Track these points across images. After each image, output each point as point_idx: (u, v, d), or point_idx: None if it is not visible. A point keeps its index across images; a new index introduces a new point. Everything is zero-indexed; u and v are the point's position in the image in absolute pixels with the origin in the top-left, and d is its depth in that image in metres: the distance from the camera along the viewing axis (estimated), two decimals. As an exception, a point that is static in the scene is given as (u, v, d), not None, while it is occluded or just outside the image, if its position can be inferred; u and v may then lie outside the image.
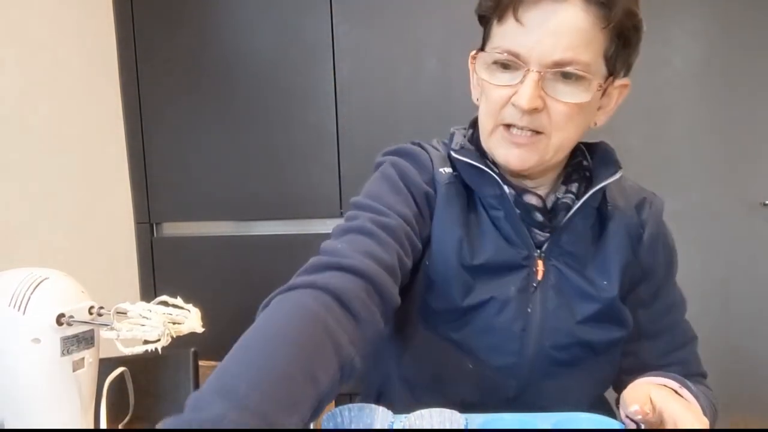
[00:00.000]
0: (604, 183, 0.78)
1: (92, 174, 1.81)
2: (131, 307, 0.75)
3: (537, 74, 0.68)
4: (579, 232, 0.79)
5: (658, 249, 0.85)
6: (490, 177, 0.77)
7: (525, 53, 0.68)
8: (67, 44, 1.71)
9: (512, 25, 0.69)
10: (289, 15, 1.91)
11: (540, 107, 0.70)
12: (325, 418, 0.74)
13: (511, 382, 0.80)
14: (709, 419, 0.71)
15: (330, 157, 1.94)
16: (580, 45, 0.68)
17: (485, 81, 0.73)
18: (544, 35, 0.67)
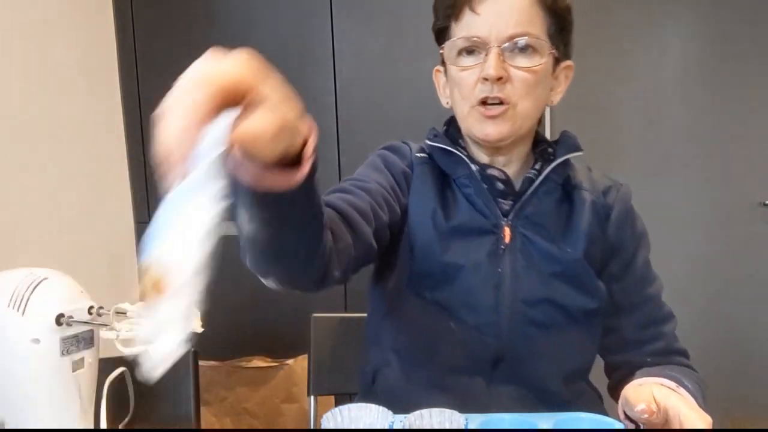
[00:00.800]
0: (563, 158, 0.90)
1: (92, 174, 1.81)
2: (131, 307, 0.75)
3: (497, 48, 0.82)
4: (544, 204, 0.89)
5: (626, 227, 0.93)
6: (460, 158, 0.90)
7: (484, 34, 0.83)
8: (67, 44, 1.71)
9: (469, 16, 0.84)
10: (289, 15, 1.91)
11: (505, 76, 0.82)
12: (325, 418, 0.74)
13: (490, 340, 0.85)
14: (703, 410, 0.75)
15: (330, 157, 1.94)
16: (527, 21, 0.83)
17: (455, 68, 0.86)
18: (497, 17, 0.82)
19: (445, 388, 0.86)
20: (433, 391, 0.86)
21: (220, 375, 1.91)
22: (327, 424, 0.73)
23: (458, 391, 0.85)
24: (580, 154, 0.92)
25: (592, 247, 0.88)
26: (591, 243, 0.88)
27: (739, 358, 2.23)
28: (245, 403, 1.91)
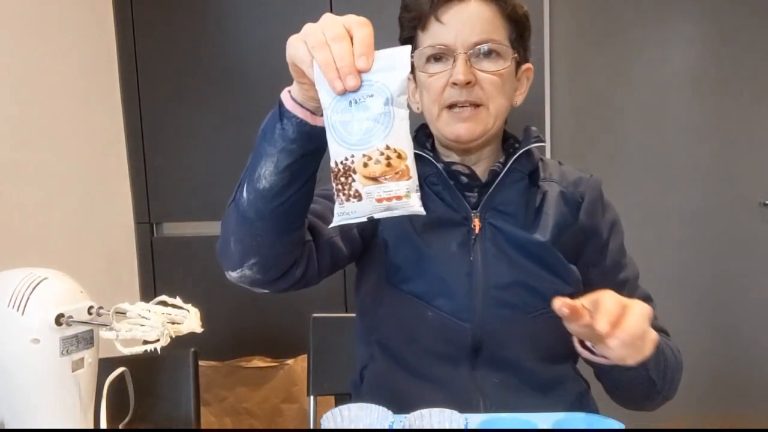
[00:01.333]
0: (524, 148, 0.94)
1: (92, 174, 1.81)
2: (130, 308, 0.75)
3: (464, 55, 0.87)
4: (511, 194, 0.94)
5: (597, 213, 0.96)
6: (426, 159, 0.94)
7: (451, 42, 0.88)
8: (67, 44, 1.71)
9: (435, 26, 0.89)
10: (289, 15, 1.91)
11: (473, 81, 0.87)
12: (324, 418, 0.74)
13: (468, 326, 0.88)
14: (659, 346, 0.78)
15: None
16: (490, 28, 0.89)
17: (424, 74, 0.91)
18: (462, 25, 0.88)
19: (429, 378, 0.89)
20: (419, 381, 0.90)
21: (220, 375, 1.91)
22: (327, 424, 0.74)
23: (443, 379, 0.88)
24: (542, 144, 0.97)
25: (563, 234, 0.92)
26: (561, 230, 0.92)
27: (739, 358, 2.23)
28: (245, 403, 1.91)
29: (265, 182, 0.75)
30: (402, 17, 0.97)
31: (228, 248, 0.80)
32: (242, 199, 0.77)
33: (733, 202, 2.21)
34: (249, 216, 0.77)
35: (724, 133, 2.19)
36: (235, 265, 0.80)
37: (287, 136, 0.72)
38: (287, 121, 0.72)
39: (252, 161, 0.77)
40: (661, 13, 2.18)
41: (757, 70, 2.16)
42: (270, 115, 0.75)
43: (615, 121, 2.22)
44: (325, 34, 0.65)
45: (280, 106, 0.73)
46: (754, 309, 2.23)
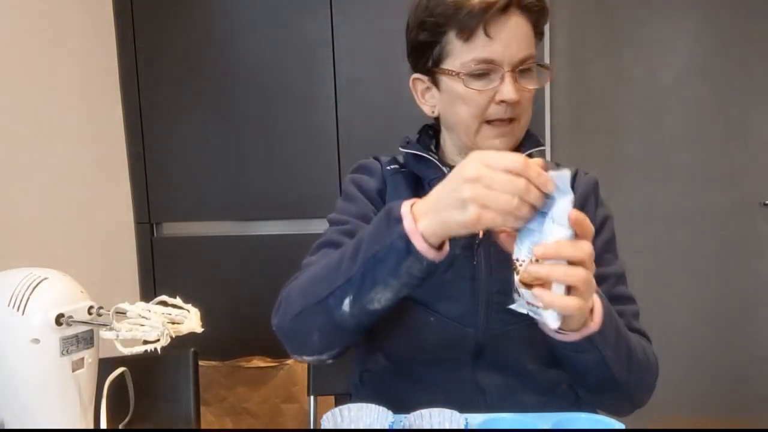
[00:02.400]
0: (525, 153, 0.92)
1: (92, 174, 1.81)
2: (130, 308, 0.75)
3: (512, 73, 0.87)
4: None
5: (589, 206, 0.97)
6: (432, 162, 0.95)
7: (498, 58, 0.87)
8: (67, 44, 1.71)
9: (482, 39, 0.87)
10: (289, 15, 1.91)
11: (519, 98, 0.88)
12: (325, 418, 0.74)
13: (470, 331, 0.88)
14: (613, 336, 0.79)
15: (330, 157, 1.94)
16: (530, 44, 0.89)
17: (467, 90, 0.89)
18: (509, 41, 0.86)
19: (431, 381, 0.89)
20: (420, 385, 0.89)
21: (220, 375, 1.91)
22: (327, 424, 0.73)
23: (444, 383, 0.88)
24: (542, 148, 0.98)
25: None
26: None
27: (739, 358, 2.23)
28: (245, 403, 1.91)
29: (378, 305, 0.76)
30: (427, 21, 0.91)
31: (308, 339, 0.83)
32: (342, 312, 0.78)
33: (733, 202, 2.21)
34: (348, 326, 0.79)
35: (724, 133, 2.19)
36: (313, 353, 0.84)
37: (414, 273, 0.73)
38: (416, 261, 0.72)
39: (362, 282, 0.75)
40: (661, 13, 2.18)
41: (757, 70, 2.16)
42: (387, 246, 0.73)
43: (615, 121, 2.22)
44: (514, 192, 0.66)
45: (407, 243, 0.71)
46: (754, 309, 2.23)
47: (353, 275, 0.76)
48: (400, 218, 0.72)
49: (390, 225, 0.74)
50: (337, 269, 0.79)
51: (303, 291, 0.84)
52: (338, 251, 0.82)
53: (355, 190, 0.99)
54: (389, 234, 0.73)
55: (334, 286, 0.78)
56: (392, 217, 0.74)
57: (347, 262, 0.77)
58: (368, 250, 0.75)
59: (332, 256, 0.83)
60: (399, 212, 0.73)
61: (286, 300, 0.87)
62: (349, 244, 0.80)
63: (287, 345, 0.87)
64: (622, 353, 0.82)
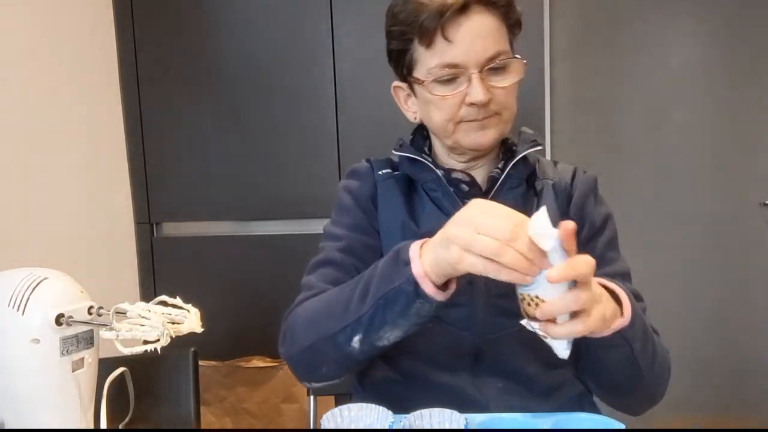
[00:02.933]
0: (521, 154, 0.93)
1: (92, 174, 1.81)
2: (130, 308, 0.75)
3: (479, 74, 0.84)
4: (509, 200, 0.89)
5: (588, 208, 0.95)
6: (425, 165, 0.94)
7: (462, 61, 0.84)
8: (67, 45, 1.71)
9: (443, 44, 0.84)
10: (289, 15, 1.91)
11: (490, 98, 0.85)
12: (325, 418, 0.74)
13: (468, 335, 0.87)
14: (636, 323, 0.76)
15: (330, 157, 1.94)
16: (498, 40, 0.85)
17: (435, 96, 0.88)
18: (472, 42, 0.84)
19: (431, 386, 0.88)
20: (420, 389, 0.89)
21: (220, 375, 1.91)
22: (327, 424, 0.73)
23: (445, 387, 0.87)
24: (539, 148, 0.95)
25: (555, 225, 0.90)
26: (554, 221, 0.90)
27: (740, 358, 2.23)
28: (245, 403, 1.91)
29: (387, 342, 0.78)
30: (394, 30, 0.92)
31: (318, 370, 0.85)
32: (351, 347, 0.79)
33: (733, 202, 2.20)
34: (359, 359, 0.81)
35: (725, 133, 2.19)
36: (323, 380, 0.86)
37: (423, 314, 0.74)
38: (425, 303, 0.73)
39: (371, 322, 0.77)
40: (662, 12, 2.17)
41: (757, 69, 2.16)
42: (396, 289, 0.73)
43: (615, 121, 2.21)
44: (497, 237, 0.65)
45: (416, 286, 0.72)
46: (755, 309, 2.22)
47: (362, 315, 0.77)
48: (409, 261, 0.73)
49: (398, 267, 0.74)
50: (346, 307, 0.79)
51: (312, 323, 0.84)
52: (347, 287, 0.82)
53: (348, 199, 0.98)
54: (398, 276, 0.74)
55: (344, 324, 0.79)
56: (401, 260, 0.74)
57: (356, 302, 0.78)
58: (377, 291, 0.76)
59: (341, 292, 0.83)
60: (407, 255, 0.74)
61: (292, 330, 0.87)
62: (358, 280, 0.80)
63: (297, 374, 0.89)
64: (648, 346, 0.81)
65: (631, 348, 0.77)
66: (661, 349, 0.87)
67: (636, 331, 0.76)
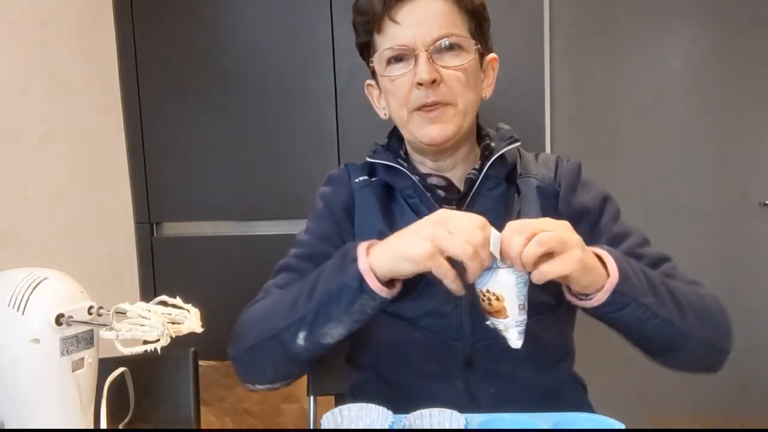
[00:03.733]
0: (498, 153, 0.91)
1: (92, 174, 1.81)
2: (130, 308, 0.75)
3: (426, 53, 0.84)
4: (489, 202, 0.91)
5: (579, 197, 0.93)
6: (401, 171, 0.93)
7: (410, 42, 0.85)
8: (67, 44, 1.71)
9: (391, 27, 0.86)
10: (289, 15, 1.91)
11: (438, 78, 0.84)
12: (325, 418, 0.74)
13: (457, 344, 0.87)
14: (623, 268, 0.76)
15: (330, 157, 1.94)
16: (448, 23, 0.86)
17: (386, 77, 0.88)
18: (420, 23, 0.85)
19: (424, 395, 0.85)
20: (413, 399, 0.86)
21: (220, 375, 1.91)
22: (327, 424, 0.74)
23: (438, 395, 0.85)
24: (517, 145, 0.93)
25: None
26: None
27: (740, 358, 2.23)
28: (245, 403, 1.91)
29: (331, 339, 0.79)
30: (356, 21, 0.94)
31: (262, 371, 0.88)
32: (296, 345, 0.80)
33: (733, 202, 2.21)
34: (302, 358, 0.82)
35: (724, 133, 2.19)
36: (266, 382, 0.88)
37: (366, 311, 0.76)
38: (369, 298, 0.75)
39: (315, 318, 0.78)
40: (662, 12, 2.17)
41: (757, 70, 2.16)
42: (341, 284, 0.76)
43: (615, 121, 2.21)
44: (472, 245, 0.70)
45: (361, 282, 0.74)
46: (754, 309, 2.23)
47: (308, 312, 0.79)
48: (356, 258, 0.75)
49: (345, 264, 0.76)
50: (292, 305, 0.81)
51: (258, 323, 0.86)
52: (295, 287, 0.83)
53: (323, 207, 0.99)
54: (344, 273, 0.76)
55: (289, 322, 0.80)
56: (348, 257, 0.76)
57: (303, 299, 0.80)
58: (323, 287, 0.78)
59: (288, 292, 0.84)
60: (355, 252, 0.76)
61: (239, 330, 0.89)
62: (306, 280, 0.82)
63: (241, 374, 0.91)
64: (665, 297, 0.78)
65: (642, 303, 0.75)
66: (696, 296, 0.82)
67: (636, 286, 0.75)
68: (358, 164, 1.03)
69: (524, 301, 0.75)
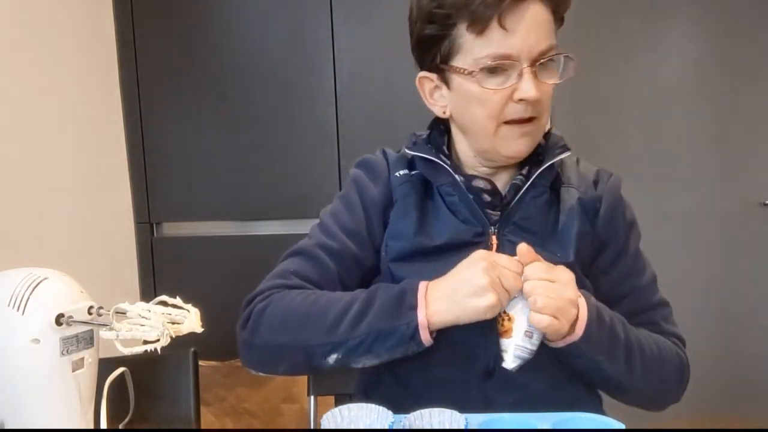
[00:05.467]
0: (549, 162, 0.88)
1: (92, 174, 1.81)
2: (130, 308, 0.75)
3: (531, 69, 0.79)
4: (532, 209, 0.88)
5: (615, 219, 0.91)
6: (443, 167, 0.88)
7: (515, 53, 0.78)
8: (66, 44, 1.71)
9: (497, 32, 0.78)
10: (289, 15, 1.91)
11: (539, 96, 0.80)
12: (325, 418, 0.74)
13: (481, 353, 0.85)
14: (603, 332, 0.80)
15: (330, 156, 1.94)
16: (550, 33, 0.81)
17: (481, 90, 0.81)
18: (528, 33, 0.78)
19: (440, 401, 0.83)
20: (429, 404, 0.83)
21: (220, 375, 1.91)
22: (327, 424, 0.73)
23: (454, 402, 0.82)
24: (568, 154, 0.90)
25: (581, 245, 0.87)
26: (580, 241, 0.87)
27: (740, 357, 2.23)
28: (245, 403, 1.91)
29: (361, 365, 0.82)
30: (437, 12, 0.81)
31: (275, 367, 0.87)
32: (324, 362, 0.82)
33: (733, 202, 2.21)
34: (322, 371, 0.85)
35: (724, 133, 2.19)
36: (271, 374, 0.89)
37: (408, 353, 0.79)
38: (416, 346, 0.78)
39: (356, 348, 0.80)
40: (662, 13, 2.18)
41: (757, 70, 2.16)
42: (394, 328, 0.78)
43: (615, 121, 2.21)
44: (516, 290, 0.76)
45: (414, 332, 0.77)
46: (754, 309, 2.23)
47: (349, 339, 0.79)
48: (415, 306, 0.76)
49: (401, 308, 0.77)
50: (334, 325, 0.80)
51: (288, 324, 0.83)
52: (336, 301, 0.82)
53: (356, 197, 0.92)
54: (400, 317, 0.77)
55: (326, 341, 0.80)
56: (406, 302, 0.77)
57: (347, 325, 0.79)
58: (373, 323, 0.78)
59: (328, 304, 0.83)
60: (414, 300, 0.77)
61: (260, 319, 0.87)
62: (351, 302, 0.81)
63: (248, 361, 0.89)
64: (619, 357, 0.82)
65: (593, 359, 0.80)
66: (656, 355, 0.86)
67: (594, 344, 0.78)
68: (395, 153, 0.96)
69: (534, 332, 0.77)
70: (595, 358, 0.80)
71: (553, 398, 0.86)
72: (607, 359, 0.81)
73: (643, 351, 0.85)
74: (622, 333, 0.83)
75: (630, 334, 0.84)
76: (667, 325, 0.94)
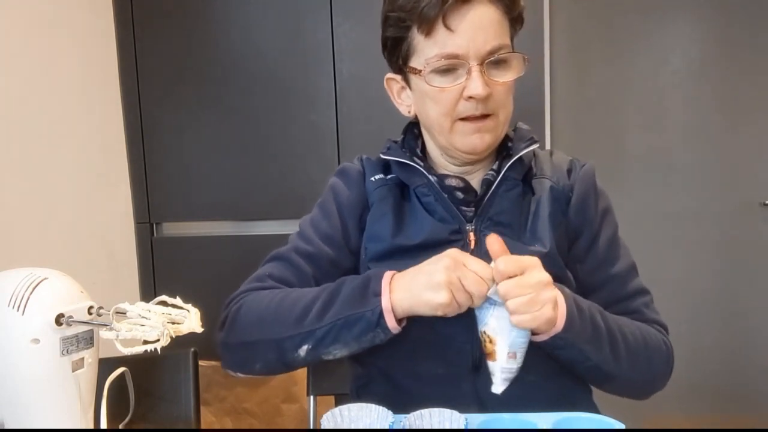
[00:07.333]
0: (518, 155, 0.90)
1: (92, 174, 1.81)
2: (130, 308, 0.75)
3: (479, 66, 0.82)
4: (505, 203, 0.90)
5: (587, 207, 0.93)
6: (417, 170, 0.91)
7: (463, 52, 0.81)
8: (67, 44, 1.71)
9: (443, 33, 0.81)
10: (289, 15, 1.91)
11: (489, 93, 0.82)
12: (324, 418, 0.74)
13: (466, 346, 0.86)
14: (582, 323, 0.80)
15: (330, 156, 1.94)
16: (499, 33, 0.83)
17: (432, 89, 0.85)
18: (474, 33, 0.81)
19: (431, 397, 0.84)
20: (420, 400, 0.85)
21: (220, 375, 1.91)
22: (327, 424, 0.74)
23: (445, 398, 0.83)
24: (536, 146, 0.92)
25: (557, 234, 0.89)
26: (555, 231, 0.89)
27: (739, 357, 2.23)
28: (245, 403, 1.91)
29: (332, 357, 0.82)
30: (391, 16, 0.86)
31: (251, 366, 0.87)
32: (295, 355, 0.82)
33: (733, 202, 2.21)
34: (295, 366, 0.85)
35: (724, 133, 2.19)
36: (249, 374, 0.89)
37: (375, 341, 0.80)
38: (382, 332, 0.78)
39: (324, 338, 0.80)
40: (662, 13, 2.18)
41: (757, 70, 2.16)
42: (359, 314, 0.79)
43: (615, 121, 2.22)
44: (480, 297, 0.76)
45: (379, 317, 0.77)
46: (754, 309, 2.23)
47: (317, 329, 0.80)
48: (379, 293, 0.77)
49: (366, 295, 0.78)
50: (301, 317, 0.81)
51: (260, 322, 0.85)
52: (303, 295, 0.84)
53: (331, 203, 0.97)
54: (364, 304, 0.78)
55: (295, 332, 0.81)
56: (370, 290, 0.78)
57: (314, 315, 0.80)
58: (339, 312, 0.79)
59: (293, 297, 0.84)
60: (379, 286, 0.78)
61: (236, 320, 0.88)
62: (318, 294, 0.83)
63: (227, 363, 0.89)
64: (604, 345, 0.82)
65: (579, 349, 0.81)
66: (640, 342, 0.87)
67: (578, 334, 0.79)
68: (372, 159, 0.99)
69: (517, 350, 0.76)
70: (580, 347, 0.81)
71: (544, 390, 0.88)
72: (592, 348, 0.82)
73: (626, 337, 0.85)
74: (601, 321, 0.84)
75: (610, 322, 0.85)
76: (649, 312, 0.94)
